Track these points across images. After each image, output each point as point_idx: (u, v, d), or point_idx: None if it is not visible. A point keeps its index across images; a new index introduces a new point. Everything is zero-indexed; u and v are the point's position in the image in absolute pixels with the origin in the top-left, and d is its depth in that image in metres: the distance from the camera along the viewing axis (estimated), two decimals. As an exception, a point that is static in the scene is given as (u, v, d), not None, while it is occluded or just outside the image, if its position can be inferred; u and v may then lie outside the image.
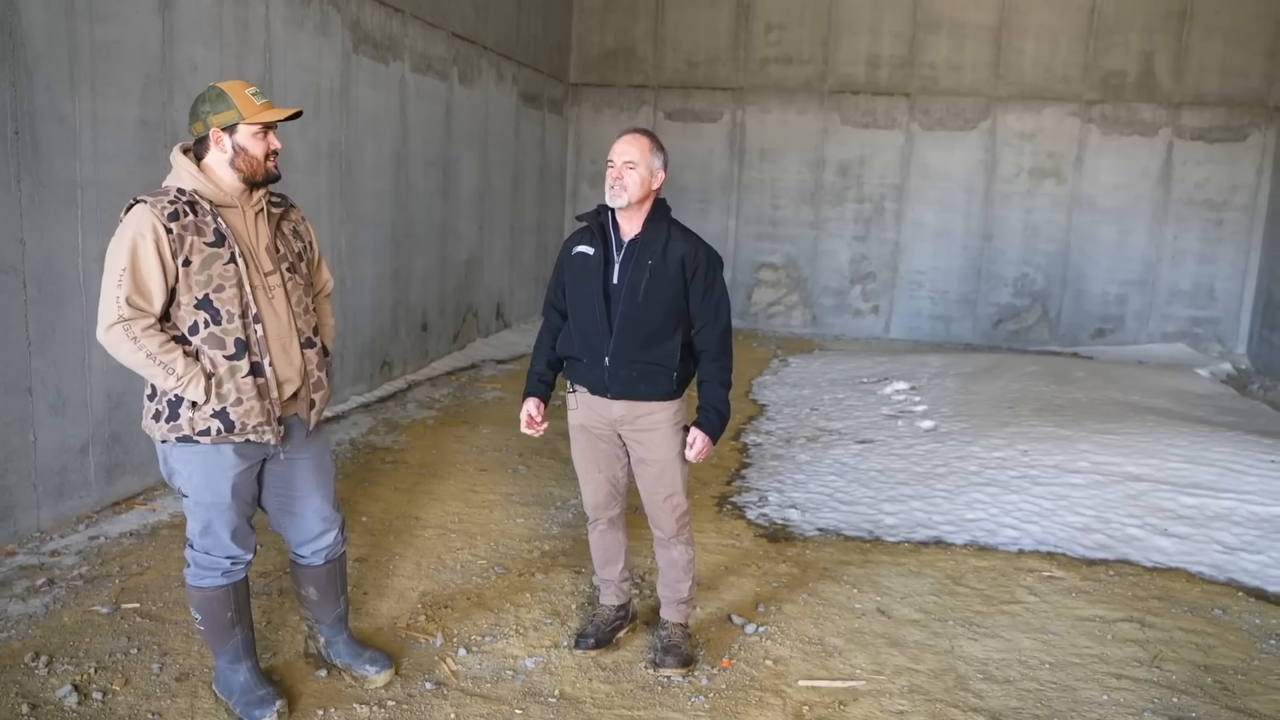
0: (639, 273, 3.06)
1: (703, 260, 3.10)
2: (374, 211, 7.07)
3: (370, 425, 6.37)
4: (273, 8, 5.66)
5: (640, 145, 3.04)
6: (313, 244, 3.02)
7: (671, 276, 3.06)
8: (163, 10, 4.74)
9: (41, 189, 4.08)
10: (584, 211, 3.19)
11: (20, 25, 3.93)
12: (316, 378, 2.89)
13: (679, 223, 3.18)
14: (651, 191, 3.09)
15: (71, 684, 3.02)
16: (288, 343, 2.78)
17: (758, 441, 6.42)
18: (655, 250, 3.07)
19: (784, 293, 11.61)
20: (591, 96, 11.74)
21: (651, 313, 3.06)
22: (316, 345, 2.90)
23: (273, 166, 2.75)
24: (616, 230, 3.15)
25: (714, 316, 3.14)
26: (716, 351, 3.17)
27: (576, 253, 3.19)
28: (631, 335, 3.07)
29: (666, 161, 3.10)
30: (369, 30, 6.80)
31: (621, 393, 3.12)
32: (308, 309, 2.88)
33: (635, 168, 3.02)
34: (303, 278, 2.88)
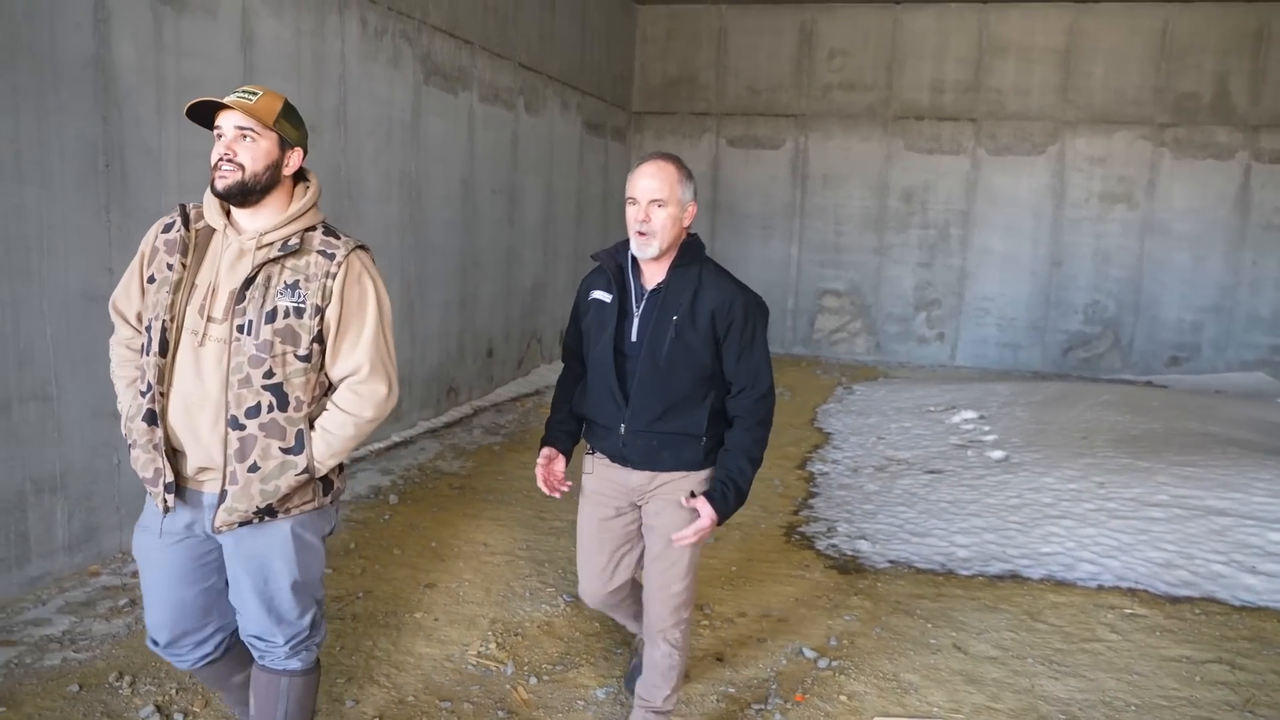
0: (661, 331, 2.57)
1: (739, 314, 2.58)
2: (442, 239, 7.18)
3: (437, 450, 6.43)
4: (348, 42, 5.80)
5: (667, 176, 2.53)
6: (339, 316, 2.26)
7: (701, 336, 2.57)
8: (244, 46, 4.89)
9: (129, 219, 4.21)
10: (601, 249, 2.74)
11: (112, 62, 4.07)
12: (235, 471, 2.19)
13: (713, 264, 2.67)
14: (682, 230, 2.61)
15: (154, 704, 3.07)
16: (196, 409, 2.19)
17: (824, 470, 6.34)
18: (681, 303, 2.57)
19: (847, 319, 11.52)
20: (654, 124, 11.82)
21: (676, 378, 2.59)
22: (250, 433, 2.19)
23: (215, 177, 2.16)
24: (637, 274, 2.67)
25: (752, 380, 2.63)
26: (752, 420, 2.65)
27: (593, 298, 2.72)
28: (651, 402, 2.61)
29: (697, 190, 2.62)
30: (439, 62, 6.93)
31: (642, 463, 2.68)
32: (251, 384, 2.18)
33: (664, 205, 2.52)
34: (262, 347, 2.18)
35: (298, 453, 2.24)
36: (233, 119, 2.16)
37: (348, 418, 2.29)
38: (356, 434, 2.31)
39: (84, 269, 4.00)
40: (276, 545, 2.32)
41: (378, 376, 2.32)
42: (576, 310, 2.82)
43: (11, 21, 3.60)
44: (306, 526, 2.35)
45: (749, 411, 2.64)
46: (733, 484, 2.63)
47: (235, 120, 2.16)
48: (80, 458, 4.03)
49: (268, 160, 2.20)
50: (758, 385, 2.64)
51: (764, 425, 2.67)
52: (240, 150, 2.15)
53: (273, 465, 2.22)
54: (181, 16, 4.44)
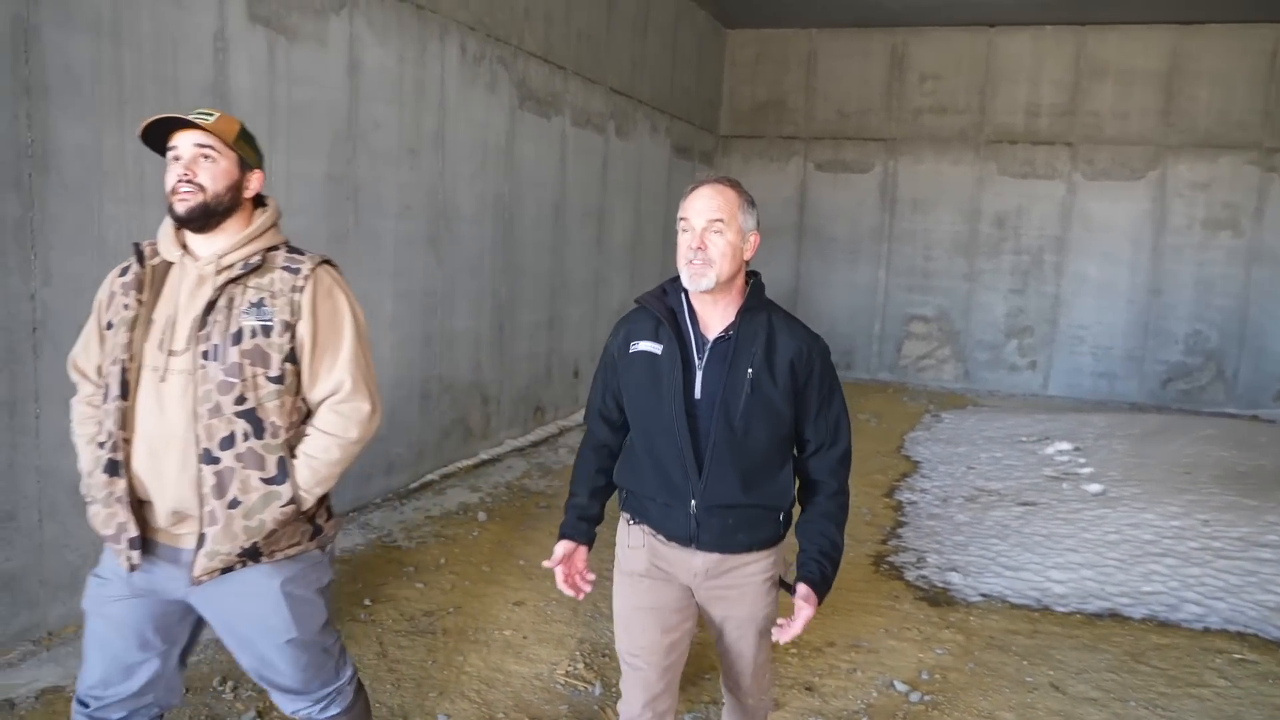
0: (735, 386, 2.18)
1: (818, 362, 2.25)
2: (533, 261, 7.29)
3: (524, 469, 6.51)
4: (447, 68, 5.96)
5: (727, 199, 2.18)
6: (313, 333, 2.12)
7: (782, 390, 2.20)
8: (350, 72, 5.06)
9: (240, 240, 4.37)
10: (645, 293, 2.35)
11: (229, 89, 4.26)
12: (214, 509, 2.02)
13: (778, 306, 2.32)
14: (742, 263, 2.23)
15: (255, 710, 3.17)
16: (162, 449, 2.03)
17: (913, 499, 6.24)
18: (755, 352, 2.20)
19: (935, 346, 11.32)
20: (741, 148, 11.83)
21: (753, 440, 2.20)
22: (226, 465, 2.03)
23: (175, 201, 2.04)
24: (694, 320, 2.26)
25: (833, 435, 2.28)
26: (837, 482, 2.31)
27: (638, 351, 2.27)
28: (729, 472, 2.20)
29: (759, 221, 2.26)
30: (533, 87, 7.06)
31: (713, 544, 2.25)
32: (222, 412, 2.03)
33: (723, 231, 2.15)
34: (231, 370, 2.03)
35: (281, 482, 2.08)
36: (191, 138, 2.05)
37: (331, 440, 2.14)
38: (342, 457, 2.16)
39: (198, 286, 4.16)
40: (268, 604, 2.13)
41: (360, 394, 2.18)
42: (609, 365, 2.36)
43: (140, 52, 3.79)
44: (298, 583, 2.17)
45: (833, 472, 2.30)
46: (830, 561, 2.26)
47: (194, 139, 2.05)
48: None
49: (228, 181, 2.08)
50: (839, 441, 2.30)
51: (847, 488, 2.34)
52: (200, 171, 2.04)
53: (255, 498, 2.05)
54: (294, 45, 4.62)
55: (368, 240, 5.31)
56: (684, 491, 2.23)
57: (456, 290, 6.28)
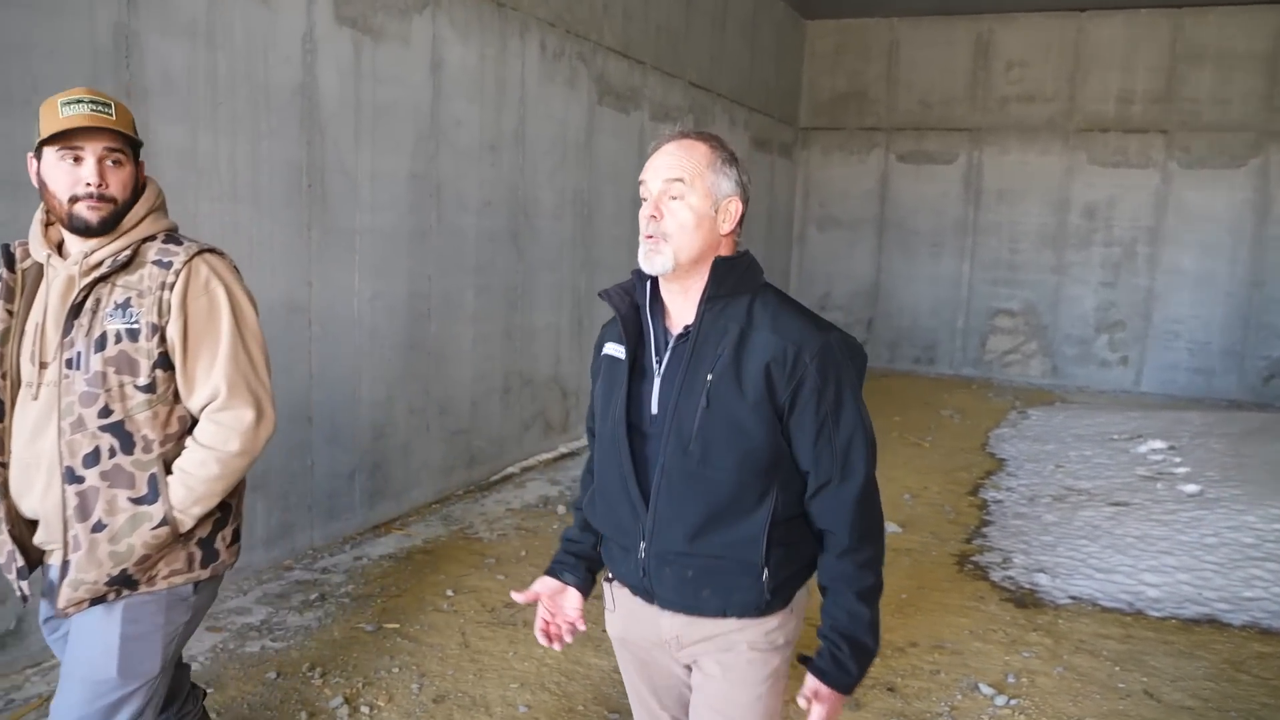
0: (690, 398, 1.70)
1: (811, 366, 1.67)
2: (610, 256, 7.32)
3: (602, 463, 6.54)
4: (528, 65, 6.01)
5: (692, 155, 1.71)
6: (183, 333, 1.89)
7: (751, 403, 1.68)
8: (433, 71, 5.14)
9: (327, 236, 4.48)
10: (610, 286, 1.88)
11: (317, 89, 4.36)
12: (76, 534, 1.82)
13: (774, 293, 1.79)
14: (718, 239, 1.73)
15: (343, 696, 3.24)
16: (32, 471, 1.87)
17: (998, 498, 6.09)
18: (721, 351, 1.69)
19: (1021, 340, 11.04)
20: (821, 140, 11.69)
21: (717, 470, 1.70)
22: (90, 484, 1.83)
23: (85, 210, 1.83)
24: (660, 315, 1.80)
25: (841, 467, 1.71)
26: (850, 536, 1.71)
27: (604, 355, 1.88)
28: (681, 508, 1.72)
29: (747, 185, 1.76)
30: (612, 82, 7.08)
31: (673, 601, 1.78)
32: (85, 426, 1.83)
33: (684, 195, 1.69)
34: (94, 380, 1.83)
35: (151, 501, 1.85)
36: (99, 140, 1.83)
37: (208, 453, 1.89)
38: (223, 473, 1.90)
39: (287, 282, 4.28)
40: (99, 633, 1.90)
41: (241, 400, 1.92)
42: (593, 372, 1.96)
43: (232, 55, 3.90)
44: (144, 613, 1.93)
45: (845, 521, 1.71)
46: (847, 642, 1.71)
47: (102, 140, 1.84)
48: (279, 459, 4.31)
49: (133, 182, 1.91)
50: (851, 476, 1.71)
51: (871, 539, 1.74)
52: (111, 179, 1.85)
53: (122, 520, 1.83)
54: (379, 45, 4.71)
55: (450, 236, 5.38)
56: (633, 531, 1.78)
57: (536, 285, 6.33)
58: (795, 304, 1.79)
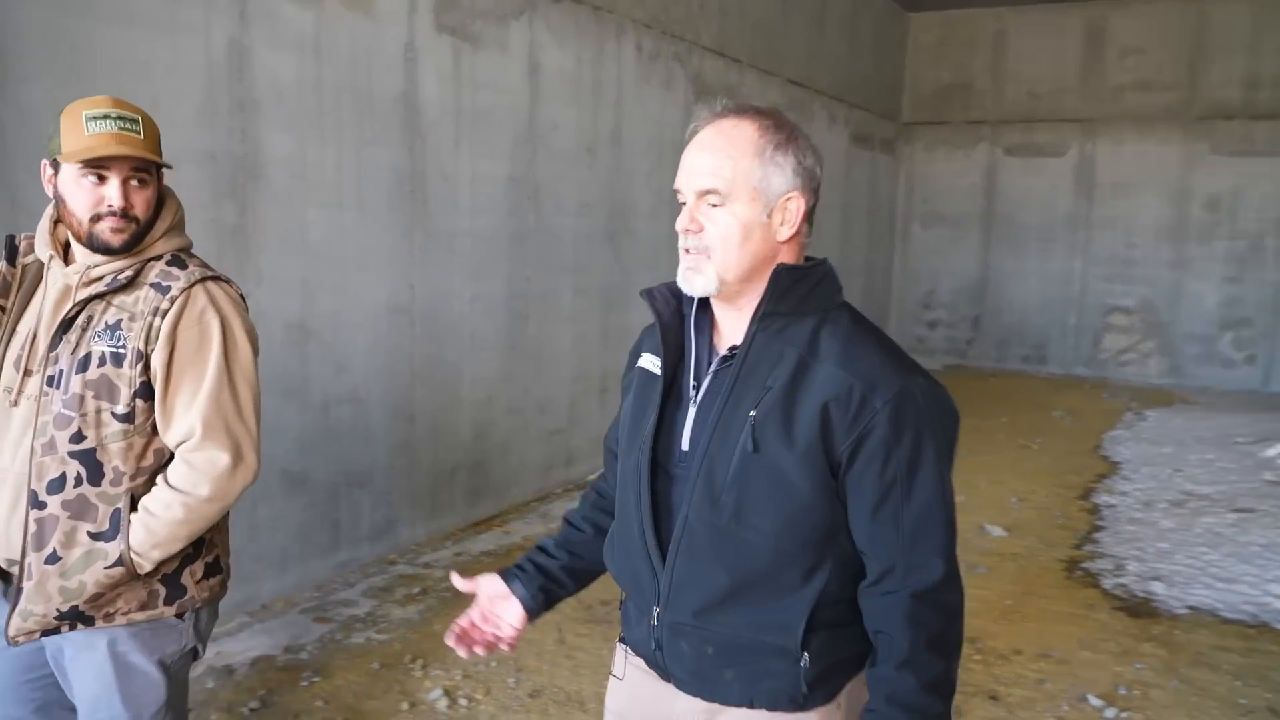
0: (728, 436, 1.36)
1: (883, 411, 1.31)
2: (708, 255, 7.29)
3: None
4: (624, 67, 6.05)
5: (735, 147, 1.35)
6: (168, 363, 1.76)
7: (800, 453, 1.32)
8: (530, 75, 5.21)
9: (430, 240, 4.60)
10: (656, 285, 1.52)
11: (418, 96, 4.47)
12: (30, 563, 1.72)
13: (849, 316, 1.41)
14: (776, 247, 1.39)
15: (442, 689, 3.32)
16: (2, 482, 1.77)
17: (1111, 503, 5.86)
18: (772, 383, 1.35)
19: (1138, 339, 10.58)
20: (924, 134, 11.43)
21: (753, 531, 1.36)
22: (50, 512, 1.72)
23: (107, 232, 1.73)
24: (708, 328, 1.47)
25: (908, 551, 1.32)
26: (913, 643, 1.31)
27: (640, 367, 1.55)
28: (703, 572, 1.39)
29: (814, 171, 1.40)
30: (709, 81, 7.07)
31: (691, 682, 1.45)
32: (55, 450, 1.72)
33: (725, 203, 1.35)
34: (70, 403, 1.72)
35: (110, 539, 1.73)
36: (126, 162, 1.74)
37: (175, 496, 1.75)
38: (188, 518, 1.76)
39: (391, 285, 4.41)
40: (93, 667, 1.80)
41: (215, 442, 1.77)
42: (625, 384, 1.63)
43: (337, 66, 4.04)
44: (133, 644, 1.81)
45: (903, 625, 1.31)
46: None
47: (130, 163, 1.74)
48: (384, 456, 4.44)
49: (156, 200, 1.82)
50: (921, 565, 1.31)
51: (941, 651, 1.33)
52: (136, 200, 1.75)
53: (77, 555, 1.72)
54: (478, 52, 4.81)
55: (547, 238, 5.46)
56: (648, 591, 1.45)
57: (633, 285, 6.37)
58: (876, 333, 1.41)
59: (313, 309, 4.02)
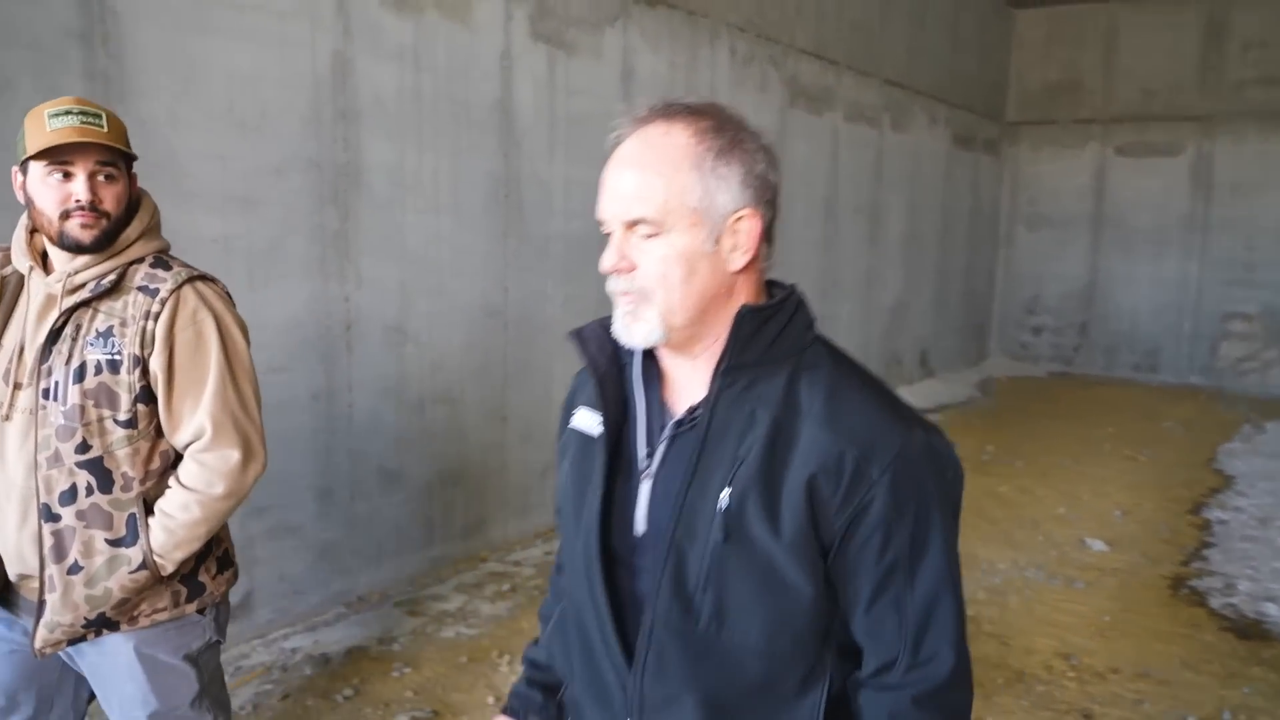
0: (697, 519, 1.10)
1: (881, 481, 1.07)
2: (802, 259, 7.25)
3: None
4: (717, 71, 6.06)
5: (663, 162, 1.10)
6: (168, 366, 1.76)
7: (789, 537, 1.08)
8: (624, 81, 5.27)
9: (523, 244, 4.69)
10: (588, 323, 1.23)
11: (513, 104, 4.57)
12: (52, 575, 1.73)
13: (827, 353, 1.16)
14: (731, 279, 1.14)
15: (527, 684, 3.39)
16: (3, 499, 1.77)
17: (1223, 518, 5.60)
18: (745, 453, 1.09)
19: (1259, 347, 10.06)
20: (1029, 135, 11.10)
21: (737, 636, 1.12)
22: (66, 524, 1.73)
23: (76, 229, 1.71)
24: (655, 377, 1.21)
25: (914, 644, 1.11)
26: None
27: (572, 429, 1.28)
28: (680, 691, 1.14)
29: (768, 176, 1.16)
30: (804, 84, 7.02)
31: None
32: (62, 462, 1.72)
33: (659, 232, 1.09)
34: (71, 414, 1.71)
35: (130, 544, 1.75)
36: (90, 155, 1.72)
37: (190, 496, 1.77)
38: (205, 516, 1.78)
39: (484, 288, 4.51)
40: (121, 669, 1.83)
41: (225, 440, 1.79)
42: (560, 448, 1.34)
43: (436, 75, 4.16)
44: (158, 643, 1.84)
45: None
46: None
47: (95, 156, 1.72)
48: (476, 455, 4.55)
49: (127, 195, 1.79)
50: (929, 659, 1.10)
51: None
52: (105, 195, 1.73)
53: (99, 563, 1.74)
54: (572, 59, 4.88)
55: (639, 242, 5.50)
56: (612, 702, 1.19)
57: (725, 289, 6.37)
58: (861, 375, 1.15)
59: (410, 311, 4.15)
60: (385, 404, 4.07)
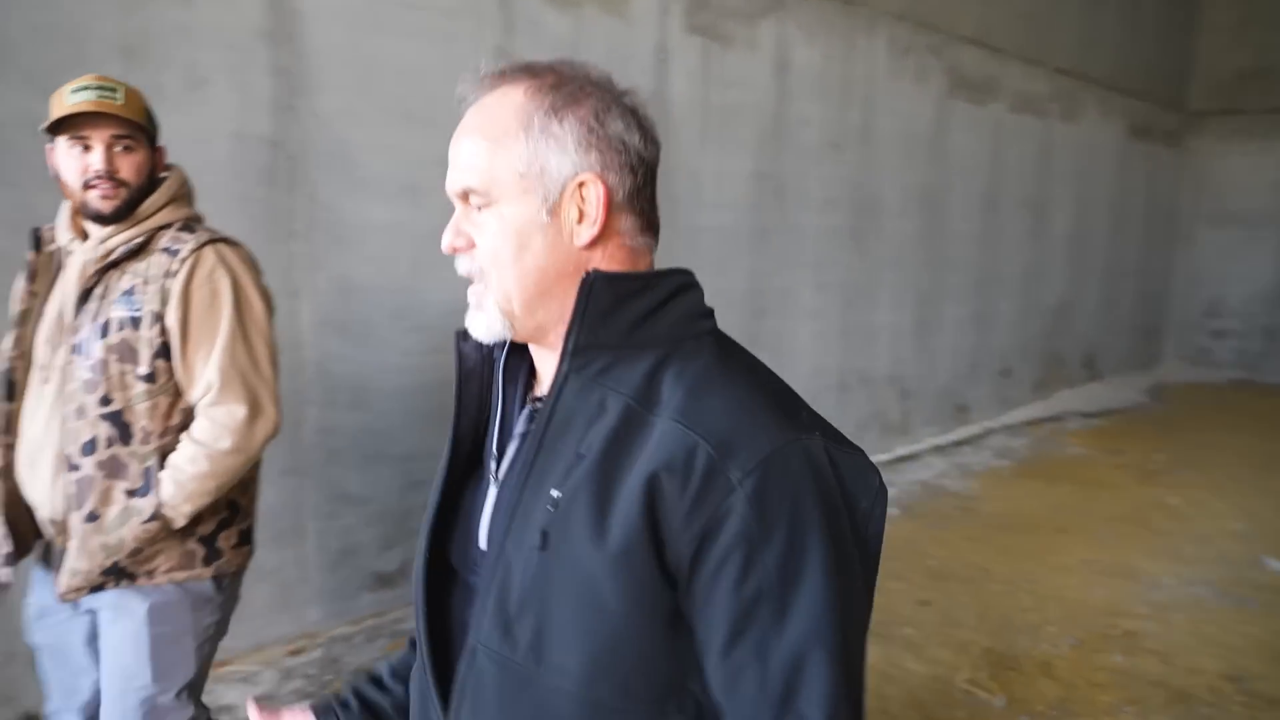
0: (525, 528, 0.90)
1: (741, 490, 0.82)
2: (959, 253, 7.04)
3: (942, 468, 6.33)
4: (874, 61, 5.94)
5: (496, 119, 0.93)
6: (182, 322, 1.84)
7: (614, 547, 0.84)
8: (778, 73, 5.25)
9: (676, 236, 4.75)
10: None
11: (667, 96, 4.63)
12: (73, 522, 1.81)
13: (715, 348, 0.96)
14: (579, 255, 0.94)
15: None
16: (38, 455, 1.85)
17: None
18: (586, 449, 0.89)
19: None
20: (1214, 126, 10.38)
21: (555, 673, 0.88)
22: (86, 473, 1.80)
23: (97, 199, 1.81)
24: (522, 371, 1.06)
25: (779, 703, 0.83)
26: None
27: None
28: None
29: (623, 143, 0.93)
30: (966, 74, 6.80)
31: None
32: (86, 414, 1.80)
33: (488, 202, 0.93)
34: (96, 367, 1.80)
35: (143, 494, 1.82)
36: (106, 127, 1.81)
37: (199, 449, 1.84)
38: (213, 471, 1.84)
39: (634, 278, 4.59)
40: (129, 635, 1.88)
41: (233, 395, 1.86)
42: None
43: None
44: (168, 616, 1.90)
45: None
46: None
47: (110, 127, 1.81)
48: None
49: (146, 167, 1.88)
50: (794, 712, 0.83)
51: None
52: (123, 165, 1.83)
53: (115, 512, 1.81)
54: (727, 51, 4.90)
55: (790, 234, 5.48)
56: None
57: (877, 283, 6.26)
58: (748, 370, 0.96)
59: (562, 299, 4.26)
60: (536, 388, 4.20)
